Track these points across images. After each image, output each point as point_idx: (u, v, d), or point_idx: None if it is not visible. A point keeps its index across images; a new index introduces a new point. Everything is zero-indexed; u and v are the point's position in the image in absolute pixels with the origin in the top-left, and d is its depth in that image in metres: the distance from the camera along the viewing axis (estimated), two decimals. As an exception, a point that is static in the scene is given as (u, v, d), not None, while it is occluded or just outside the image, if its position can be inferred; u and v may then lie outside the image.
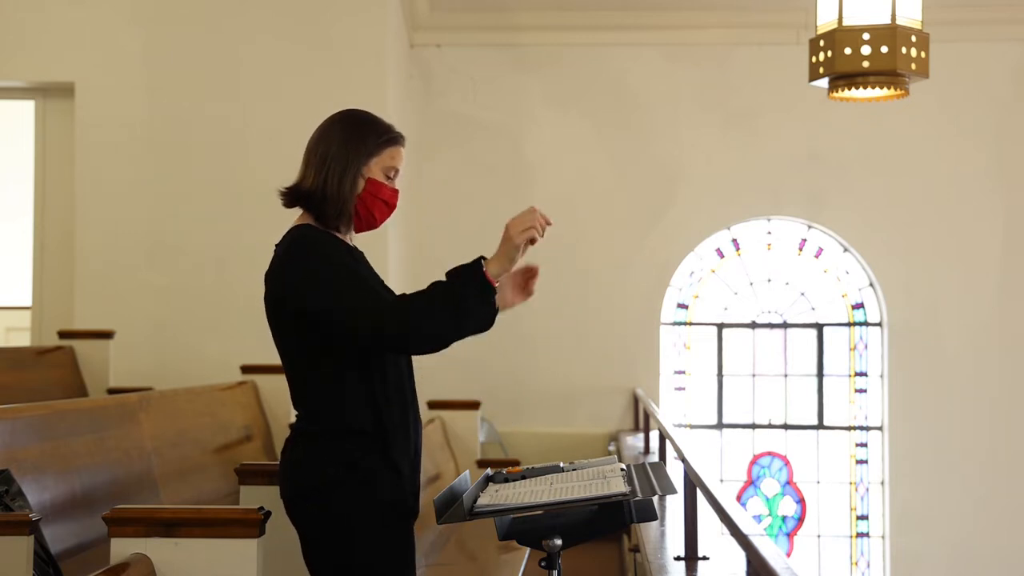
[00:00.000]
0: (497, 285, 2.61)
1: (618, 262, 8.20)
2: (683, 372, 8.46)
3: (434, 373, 6.45)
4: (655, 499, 2.52)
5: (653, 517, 2.55)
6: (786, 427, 8.40)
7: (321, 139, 2.79)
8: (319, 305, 2.61)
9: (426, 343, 2.59)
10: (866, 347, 8.37)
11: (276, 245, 2.81)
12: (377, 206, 2.76)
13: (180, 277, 7.04)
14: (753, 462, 8.39)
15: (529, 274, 2.77)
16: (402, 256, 7.59)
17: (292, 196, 2.78)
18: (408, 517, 2.72)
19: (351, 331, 2.58)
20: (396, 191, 2.79)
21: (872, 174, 8.18)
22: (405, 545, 2.70)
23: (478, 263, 2.59)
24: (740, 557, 3.15)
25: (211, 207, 7.06)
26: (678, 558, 3.64)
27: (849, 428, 8.35)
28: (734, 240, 8.48)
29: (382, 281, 2.78)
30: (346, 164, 2.72)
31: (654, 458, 6.07)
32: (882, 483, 8.19)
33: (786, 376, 8.43)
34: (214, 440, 5.18)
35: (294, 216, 2.86)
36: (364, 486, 2.62)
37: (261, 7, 7.17)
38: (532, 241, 2.62)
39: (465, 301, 2.56)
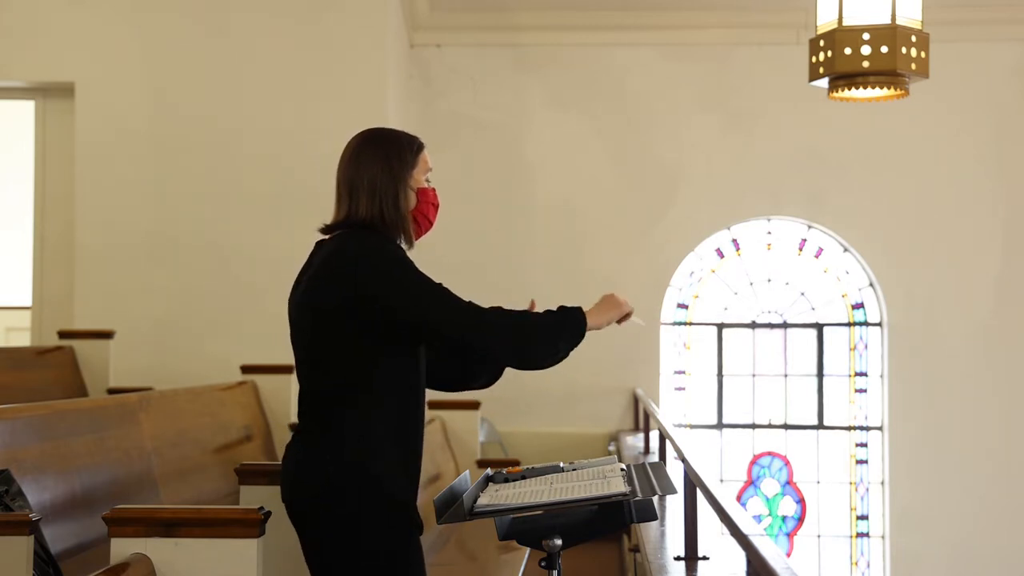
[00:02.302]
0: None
1: (618, 262, 8.20)
2: (683, 372, 8.47)
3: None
4: (655, 499, 2.52)
5: (653, 517, 2.55)
6: (786, 427, 8.40)
7: (359, 166, 2.79)
8: (418, 313, 2.66)
9: (523, 360, 2.79)
10: (866, 347, 8.37)
11: (320, 245, 2.81)
12: (429, 210, 2.87)
13: (180, 277, 7.04)
14: (753, 462, 8.39)
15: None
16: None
17: (344, 228, 2.78)
18: (413, 518, 2.70)
19: (451, 328, 2.66)
20: (435, 190, 2.90)
21: (872, 174, 8.18)
22: (409, 548, 2.69)
23: (581, 313, 2.84)
24: (740, 557, 3.15)
25: (211, 207, 7.06)
26: (678, 558, 3.64)
27: (849, 428, 8.35)
28: (734, 240, 8.48)
29: None
30: (397, 188, 2.78)
31: (654, 458, 6.07)
32: (882, 483, 8.19)
33: (786, 376, 8.44)
34: (214, 440, 5.18)
35: (294, 214, 2.86)
36: (369, 488, 2.62)
37: (261, 7, 7.17)
38: (620, 320, 3.00)
39: (561, 339, 2.79)
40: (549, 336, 2.75)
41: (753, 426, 8.43)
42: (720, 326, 8.48)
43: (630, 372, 8.16)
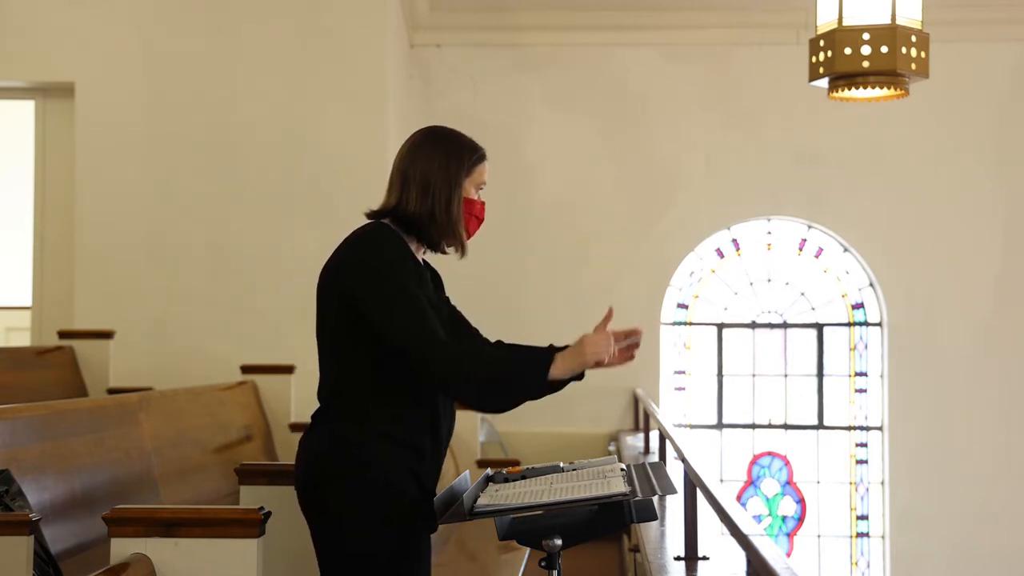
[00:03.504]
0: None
1: (618, 262, 8.19)
2: (683, 372, 8.46)
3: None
4: (655, 499, 2.52)
5: (653, 517, 2.55)
6: (786, 427, 8.40)
7: (417, 160, 2.77)
8: (376, 314, 2.63)
9: (468, 397, 2.70)
10: (866, 347, 8.37)
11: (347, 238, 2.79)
12: (471, 222, 2.81)
13: (180, 277, 7.04)
14: (753, 462, 8.39)
15: (632, 340, 2.77)
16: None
17: (387, 217, 2.76)
18: (420, 516, 2.70)
19: (404, 350, 2.62)
20: (483, 204, 2.83)
21: (872, 174, 8.18)
22: (409, 547, 2.69)
23: (548, 359, 2.63)
24: (740, 557, 3.15)
25: (211, 207, 7.06)
26: (678, 558, 3.64)
27: (849, 428, 8.35)
28: (734, 240, 8.48)
29: (444, 299, 2.86)
30: (452, 190, 2.75)
31: (654, 458, 6.08)
32: (882, 483, 8.19)
33: (786, 376, 8.43)
34: (214, 440, 5.18)
35: (295, 214, 2.86)
36: (377, 477, 2.62)
37: (261, 8, 7.17)
38: (599, 364, 2.66)
39: (521, 385, 2.64)
40: (509, 386, 2.64)
41: (753, 426, 8.43)
42: (720, 326, 8.48)
43: (630, 372, 8.12)
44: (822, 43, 4.97)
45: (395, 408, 2.67)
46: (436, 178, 2.74)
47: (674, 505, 4.37)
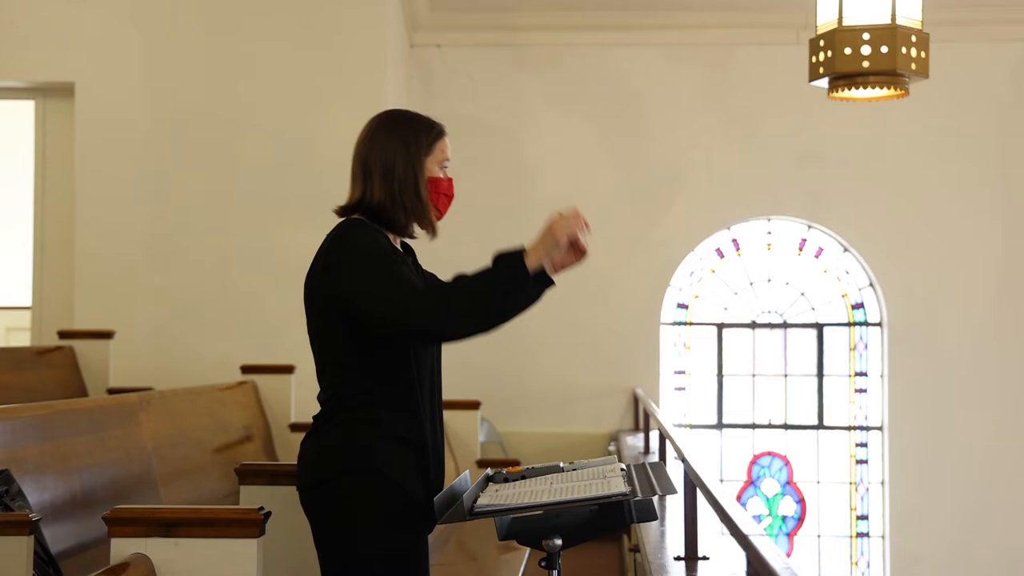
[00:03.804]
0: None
1: (618, 262, 8.20)
2: (683, 372, 8.47)
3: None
4: (655, 499, 2.52)
5: (653, 517, 2.55)
6: (786, 427, 8.40)
7: (374, 148, 2.76)
8: (349, 290, 2.61)
9: (459, 332, 2.59)
10: (866, 347, 8.37)
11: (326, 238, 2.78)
12: (441, 201, 2.79)
13: (180, 277, 7.04)
14: (753, 462, 8.39)
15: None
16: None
17: (357, 211, 2.75)
18: (423, 512, 2.69)
19: (379, 319, 2.58)
20: (451, 180, 2.81)
21: (872, 174, 8.18)
22: (407, 547, 2.69)
23: (519, 256, 2.57)
24: (740, 557, 3.15)
25: (211, 207, 7.06)
26: (678, 558, 3.64)
27: (849, 428, 8.35)
28: (734, 240, 8.48)
29: (429, 276, 2.81)
30: (414, 170, 2.73)
31: (654, 458, 6.08)
32: (882, 483, 8.19)
33: (786, 376, 8.44)
34: (214, 440, 5.18)
35: (295, 214, 2.85)
36: (381, 478, 2.62)
37: (261, 7, 7.17)
38: (574, 242, 2.62)
39: (503, 294, 2.55)
40: (484, 300, 2.55)
41: (753, 426, 8.43)
42: (720, 326, 8.48)
43: (630, 372, 8.16)
44: (822, 43, 4.96)
45: (392, 407, 2.67)
46: (397, 162, 2.73)
47: (674, 505, 4.37)
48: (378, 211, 2.73)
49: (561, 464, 2.73)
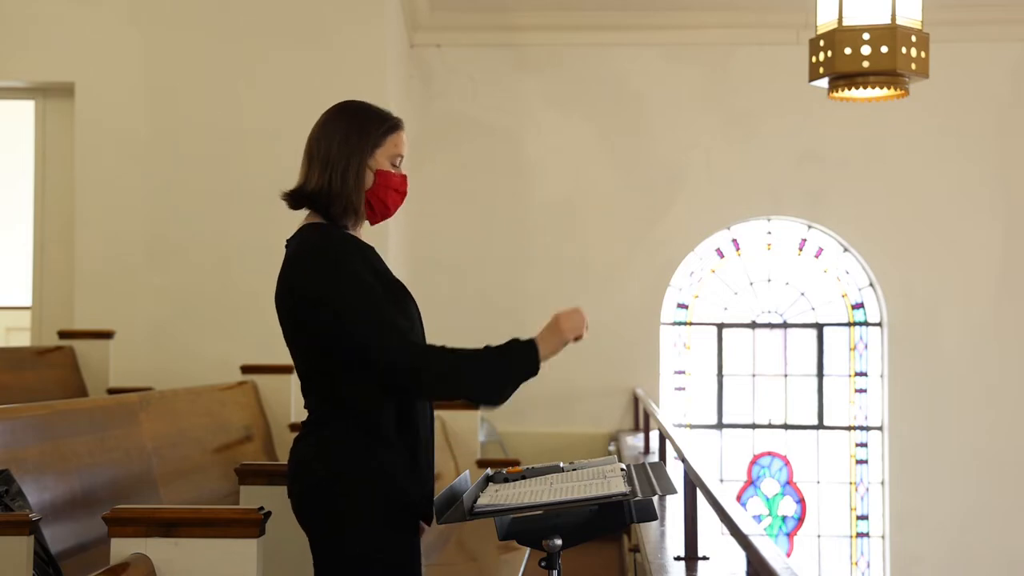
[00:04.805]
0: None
1: (618, 262, 8.20)
2: (683, 372, 8.46)
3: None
4: (655, 499, 2.52)
5: (653, 517, 2.55)
6: (786, 427, 8.40)
7: (321, 137, 2.77)
8: (335, 329, 2.60)
9: (465, 396, 2.70)
10: (866, 347, 8.37)
11: (287, 243, 2.78)
12: (390, 196, 2.76)
13: (180, 277, 7.04)
14: (753, 462, 8.39)
15: None
16: (402, 256, 7.59)
17: (297, 198, 2.76)
18: (415, 512, 2.69)
19: (373, 367, 2.58)
20: (404, 177, 2.79)
21: (872, 174, 8.18)
22: (399, 551, 2.68)
23: (534, 347, 2.63)
24: (740, 557, 3.15)
25: (211, 207, 7.06)
26: (678, 558, 3.63)
27: (849, 428, 8.35)
28: (734, 240, 8.48)
29: (398, 284, 2.76)
30: (349, 160, 2.71)
31: (654, 458, 6.07)
32: (882, 483, 8.19)
33: (786, 376, 8.44)
34: (214, 440, 5.18)
35: (294, 213, 2.85)
36: (373, 480, 2.62)
37: (261, 8, 7.17)
38: (578, 339, 2.73)
39: (514, 375, 2.63)
40: (492, 378, 2.62)
41: (753, 426, 8.43)
42: (720, 326, 8.48)
43: (630, 372, 8.16)
44: (822, 43, 4.96)
45: (383, 407, 2.65)
46: (335, 151, 2.72)
47: (674, 505, 4.37)
48: (312, 199, 2.73)
49: (561, 464, 2.73)
